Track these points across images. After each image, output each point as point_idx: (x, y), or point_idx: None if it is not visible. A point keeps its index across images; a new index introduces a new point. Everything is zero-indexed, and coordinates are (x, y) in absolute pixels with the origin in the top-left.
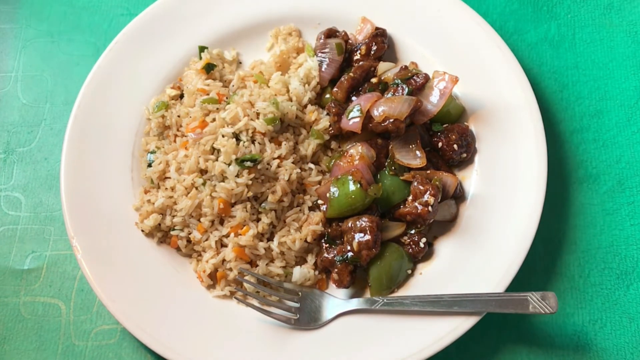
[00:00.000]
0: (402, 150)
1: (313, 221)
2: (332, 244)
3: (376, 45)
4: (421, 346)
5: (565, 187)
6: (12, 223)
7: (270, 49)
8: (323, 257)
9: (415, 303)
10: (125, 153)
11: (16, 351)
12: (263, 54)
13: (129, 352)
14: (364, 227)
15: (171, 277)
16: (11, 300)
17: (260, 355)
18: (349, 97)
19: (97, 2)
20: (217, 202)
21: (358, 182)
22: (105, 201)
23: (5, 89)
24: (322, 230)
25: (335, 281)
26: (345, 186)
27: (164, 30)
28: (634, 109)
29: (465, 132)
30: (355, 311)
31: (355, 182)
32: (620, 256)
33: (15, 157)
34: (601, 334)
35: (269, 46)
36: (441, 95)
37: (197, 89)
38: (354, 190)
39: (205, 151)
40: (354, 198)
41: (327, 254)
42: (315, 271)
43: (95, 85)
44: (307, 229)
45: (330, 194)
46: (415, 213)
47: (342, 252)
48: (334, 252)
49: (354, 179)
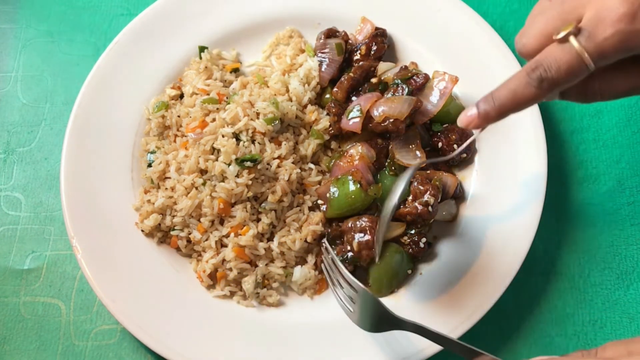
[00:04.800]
0: (402, 150)
1: (313, 221)
2: (332, 244)
3: (376, 45)
4: (421, 346)
5: (565, 187)
6: (12, 223)
7: (269, 57)
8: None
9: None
10: (125, 153)
11: (16, 351)
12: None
13: (129, 352)
14: (364, 227)
15: (171, 277)
16: (11, 300)
17: (260, 355)
18: (349, 97)
19: (97, 2)
20: (217, 202)
21: (358, 182)
22: (105, 201)
23: (5, 89)
24: (322, 231)
25: None
26: (345, 186)
27: (164, 30)
28: (634, 109)
29: (465, 132)
30: None
31: (355, 182)
32: (620, 256)
33: (15, 157)
34: (601, 334)
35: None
36: (441, 95)
37: (197, 89)
38: (354, 190)
39: (205, 151)
40: (354, 198)
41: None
42: (315, 271)
43: (95, 85)
44: (307, 229)
45: (330, 194)
46: (415, 213)
47: (342, 252)
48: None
49: (353, 179)
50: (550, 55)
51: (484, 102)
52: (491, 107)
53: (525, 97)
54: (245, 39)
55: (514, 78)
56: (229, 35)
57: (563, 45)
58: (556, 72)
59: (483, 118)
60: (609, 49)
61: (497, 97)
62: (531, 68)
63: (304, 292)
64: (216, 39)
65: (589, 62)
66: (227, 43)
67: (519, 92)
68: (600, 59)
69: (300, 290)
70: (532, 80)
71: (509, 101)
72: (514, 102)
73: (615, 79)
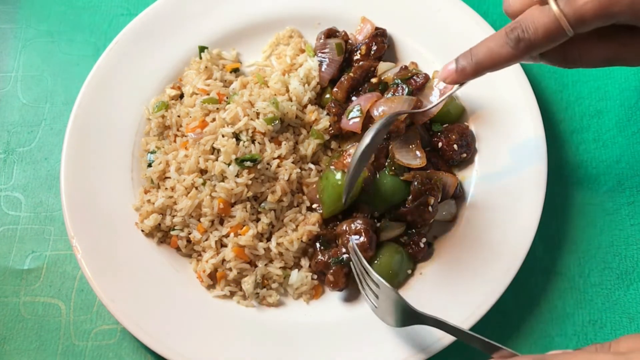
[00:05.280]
0: (402, 150)
1: (309, 221)
2: (327, 247)
3: (376, 45)
4: (421, 346)
5: (565, 187)
6: (12, 223)
7: (269, 57)
8: (318, 260)
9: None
10: (125, 153)
11: (16, 351)
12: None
13: (129, 352)
14: (358, 230)
15: (171, 277)
16: (11, 300)
17: (260, 355)
18: (349, 97)
19: (97, 2)
20: (217, 202)
21: (341, 170)
22: (105, 201)
23: (5, 89)
24: (318, 231)
25: (330, 282)
26: (330, 179)
27: (164, 30)
28: (634, 109)
29: (465, 132)
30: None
31: (337, 171)
32: (620, 256)
33: (15, 157)
34: (601, 334)
35: (266, 49)
36: (441, 95)
37: (197, 89)
38: (339, 178)
39: (205, 151)
40: (341, 185)
41: (322, 256)
42: (312, 276)
43: (95, 85)
44: (303, 228)
45: (319, 191)
46: (415, 213)
47: (337, 254)
48: (329, 255)
49: (336, 169)
50: (529, 17)
51: (463, 58)
52: (468, 63)
53: (501, 56)
54: (245, 39)
55: (493, 36)
56: (229, 35)
57: (542, 7)
58: (534, 34)
59: (460, 73)
60: (587, 15)
61: (475, 54)
62: (510, 28)
63: (299, 296)
64: (216, 39)
65: (567, 26)
66: (227, 43)
67: (496, 51)
68: (578, 25)
69: (295, 295)
70: (510, 41)
71: (486, 59)
72: (491, 60)
73: (595, 48)
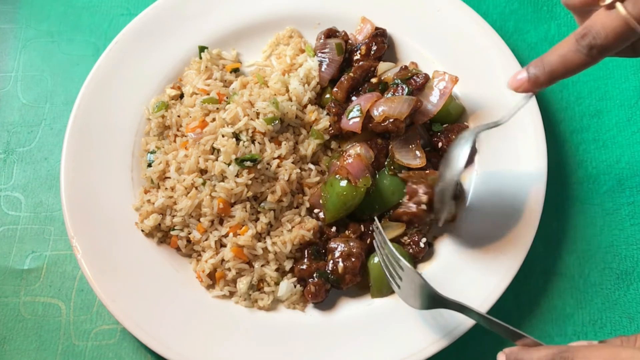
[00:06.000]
0: (402, 150)
1: (306, 227)
2: (316, 257)
3: (376, 45)
4: (421, 346)
5: (565, 187)
6: (12, 223)
7: (269, 57)
8: (304, 266)
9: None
10: (125, 153)
11: (16, 351)
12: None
13: (129, 352)
14: (351, 252)
15: (171, 277)
16: (11, 300)
17: (259, 355)
18: (349, 97)
19: (97, 2)
20: (217, 202)
21: (345, 178)
22: (105, 201)
23: (5, 89)
24: (311, 239)
25: (310, 293)
26: (334, 187)
27: (164, 30)
28: (634, 109)
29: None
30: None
31: (342, 179)
32: (620, 256)
33: (15, 157)
34: (601, 334)
35: (266, 49)
36: (441, 95)
37: (197, 89)
38: (344, 187)
39: (205, 151)
40: (346, 195)
41: (309, 264)
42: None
43: (95, 85)
44: (298, 232)
45: (323, 198)
46: (410, 213)
47: (324, 268)
48: (316, 265)
49: (341, 177)
50: (599, 23)
51: (534, 66)
52: (541, 72)
53: (575, 63)
54: (245, 39)
55: (563, 44)
56: (229, 35)
57: (610, 11)
58: (605, 39)
59: (533, 82)
60: None
61: (548, 62)
62: (580, 35)
63: (293, 307)
64: (216, 39)
65: (637, 27)
66: (227, 43)
67: (569, 58)
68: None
69: (288, 305)
70: (582, 48)
71: (560, 67)
72: (565, 68)
73: None
